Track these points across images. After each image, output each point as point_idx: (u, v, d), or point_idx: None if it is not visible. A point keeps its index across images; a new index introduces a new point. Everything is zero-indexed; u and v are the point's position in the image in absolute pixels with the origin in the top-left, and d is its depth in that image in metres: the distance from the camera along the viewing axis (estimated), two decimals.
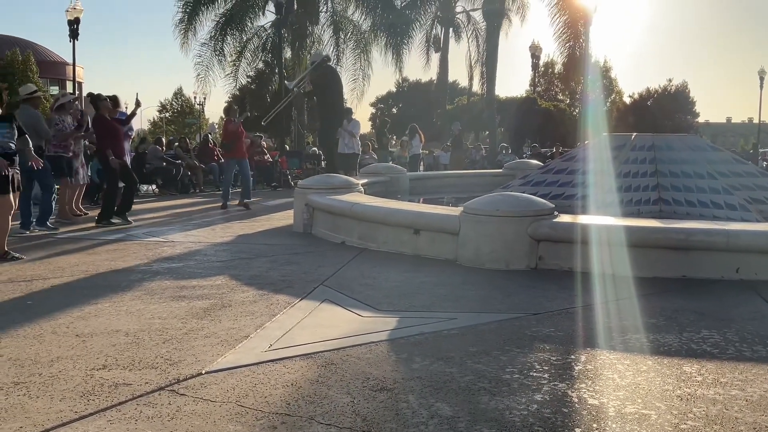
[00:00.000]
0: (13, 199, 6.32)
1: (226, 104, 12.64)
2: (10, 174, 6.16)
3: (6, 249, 6.36)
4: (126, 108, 15.49)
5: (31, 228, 8.13)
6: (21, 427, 2.63)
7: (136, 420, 2.70)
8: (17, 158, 6.33)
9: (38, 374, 3.22)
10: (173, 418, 2.72)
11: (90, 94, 11.23)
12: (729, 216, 7.67)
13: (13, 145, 6.23)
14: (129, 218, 9.18)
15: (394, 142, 18.09)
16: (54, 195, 8.70)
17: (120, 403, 2.87)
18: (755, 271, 5.40)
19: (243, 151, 12.00)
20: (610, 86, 48.98)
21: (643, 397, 2.97)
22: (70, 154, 9.50)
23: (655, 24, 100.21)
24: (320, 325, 4.15)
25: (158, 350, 3.60)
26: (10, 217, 6.43)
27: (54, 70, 45.40)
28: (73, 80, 26.79)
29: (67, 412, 2.78)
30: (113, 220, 8.96)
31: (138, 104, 10.17)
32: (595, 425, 2.68)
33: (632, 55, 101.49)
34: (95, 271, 5.79)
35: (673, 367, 3.38)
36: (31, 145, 6.70)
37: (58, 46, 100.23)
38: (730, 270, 5.44)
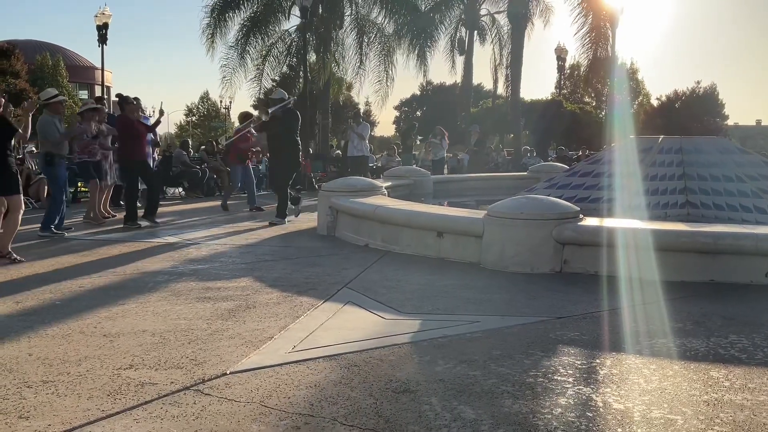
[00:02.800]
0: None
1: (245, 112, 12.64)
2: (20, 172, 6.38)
3: (9, 249, 6.43)
4: (152, 114, 15.68)
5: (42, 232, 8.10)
6: (49, 425, 2.67)
7: (162, 419, 2.73)
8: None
9: (66, 373, 3.28)
10: (198, 417, 2.75)
11: (118, 95, 11.42)
12: (758, 220, 7.55)
13: None
14: (156, 220, 9.27)
15: (418, 143, 17.99)
16: (64, 201, 8.56)
17: (146, 402, 2.90)
18: None
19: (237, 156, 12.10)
20: (637, 88, 48.48)
21: (669, 402, 2.93)
22: (97, 157, 9.64)
23: (684, 25, 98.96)
24: (343, 327, 4.16)
25: (184, 350, 3.64)
26: (20, 218, 6.52)
27: (83, 74, 46.15)
28: (102, 85, 27.15)
29: (94, 410, 2.82)
30: (141, 222, 9.05)
31: (162, 113, 10.21)
32: (619, 430, 2.65)
33: (660, 57, 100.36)
34: (122, 273, 5.87)
35: (700, 372, 3.33)
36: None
37: (86, 50, 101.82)
38: (759, 274, 5.35)
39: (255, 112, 11.92)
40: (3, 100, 6.44)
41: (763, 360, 3.54)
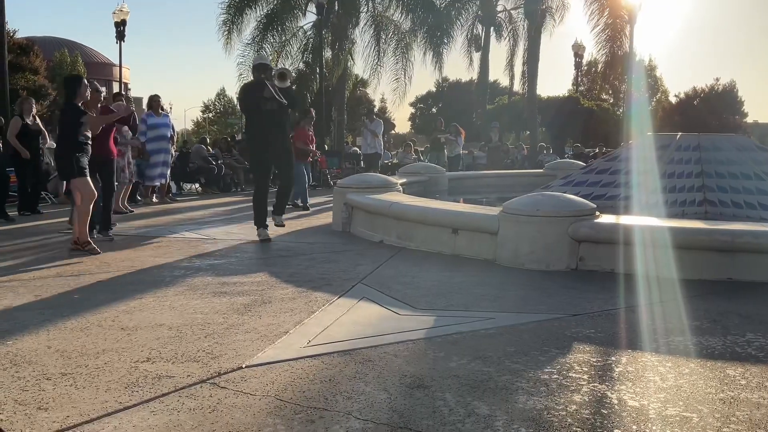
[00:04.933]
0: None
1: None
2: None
3: (88, 239, 6.61)
4: (170, 110, 15.72)
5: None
6: (67, 416, 2.71)
7: (179, 411, 2.76)
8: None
9: (84, 366, 3.32)
10: (214, 410, 2.78)
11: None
12: None
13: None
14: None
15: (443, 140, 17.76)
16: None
17: (163, 395, 2.94)
18: None
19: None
20: (655, 85, 48.11)
21: (685, 400, 2.92)
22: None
23: (703, 21, 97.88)
24: (358, 322, 4.18)
25: (200, 344, 3.67)
26: (91, 206, 6.69)
27: (101, 71, 46.44)
28: (120, 81, 27.39)
29: (111, 402, 2.86)
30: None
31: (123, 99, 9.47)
32: (635, 427, 2.65)
33: (678, 54, 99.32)
34: (140, 267, 5.93)
35: (717, 370, 3.31)
36: None
37: (104, 47, 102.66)
38: None
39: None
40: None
41: None
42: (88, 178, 6.67)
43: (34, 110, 10.25)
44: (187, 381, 3.11)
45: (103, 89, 8.10)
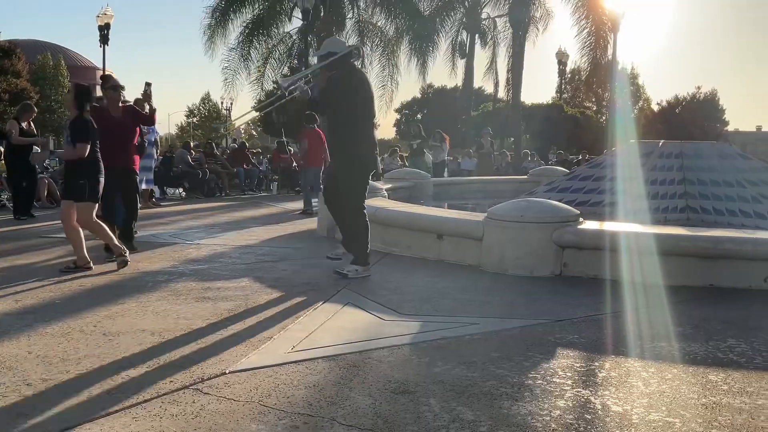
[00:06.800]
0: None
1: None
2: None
3: (118, 244, 6.04)
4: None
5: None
6: (48, 423, 2.67)
7: (161, 417, 2.74)
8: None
9: (66, 371, 3.28)
10: (197, 416, 2.76)
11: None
12: (758, 225, 7.55)
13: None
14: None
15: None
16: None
17: (145, 401, 2.91)
18: None
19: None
20: (637, 93, 48.54)
21: (668, 405, 2.94)
22: None
23: (684, 30, 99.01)
24: (343, 327, 4.17)
25: (183, 350, 3.64)
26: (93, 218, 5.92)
27: (84, 74, 46.06)
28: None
29: (93, 408, 2.82)
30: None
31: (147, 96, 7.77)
32: None
33: (660, 62, 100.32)
34: (122, 272, 5.87)
35: (699, 376, 3.34)
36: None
37: (88, 50, 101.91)
38: (758, 279, 5.35)
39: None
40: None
41: (762, 364, 3.54)
42: (97, 204, 5.95)
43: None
44: (169, 387, 3.08)
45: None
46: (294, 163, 18.71)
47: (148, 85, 6.67)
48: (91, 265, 5.87)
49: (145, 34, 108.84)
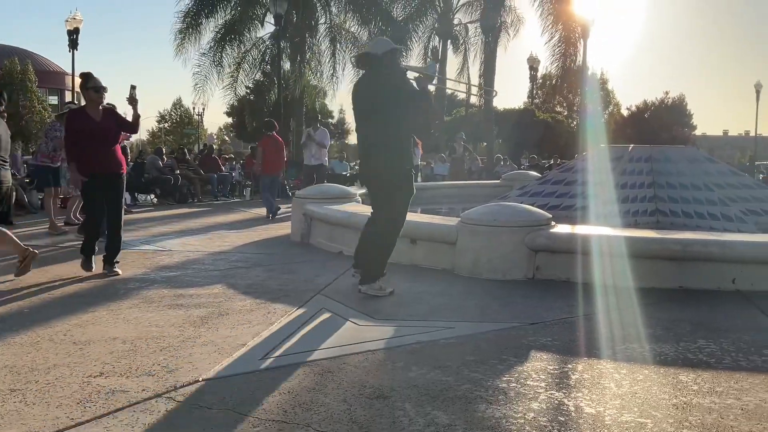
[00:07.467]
0: None
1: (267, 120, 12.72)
2: None
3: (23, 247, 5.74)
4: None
5: None
6: None
7: (133, 427, 2.70)
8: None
9: (35, 381, 3.22)
10: (170, 425, 2.72)
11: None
12: (726, 227, 7.70)
13: None
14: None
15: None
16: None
17: (117, 410, 2.87)
18: (751, 281, 5.41)
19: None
20: (607, 98, 49.18)
21: (640, 406, 2.97)
22: (58, 164, 9.42)
23: (653, 37, 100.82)
24: (317, 333, 4.15)
25: (155, 358, 3.60)
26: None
27: (53, 79, 45.51)
28: (72, 90, 26.84)
29: (63, 418, 2.78)
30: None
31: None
32: None
33: (629, 68, 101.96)
34: (93, 280, 5.79)
35: (670, 377, 3.39)
36: None
37: (56, 55, 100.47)
38: (726, 281, 5.45)
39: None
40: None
41: (731, 364, 3.60)
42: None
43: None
44: (142, 395, 3.04)
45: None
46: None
47: (133, 88, 6.22)
48: (32, 249, 5.78)
49: (114, 38, 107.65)
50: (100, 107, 6.16)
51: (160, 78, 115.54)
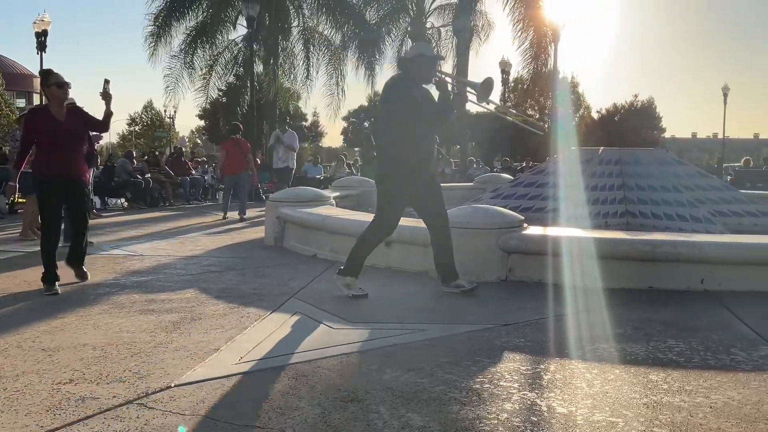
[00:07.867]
0: None
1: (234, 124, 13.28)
2: None
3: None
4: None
5: None
6: None
7: None
8: None
9: (3, 389, 3.16)
10: (141, 431, 2.69)
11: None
12: (694, 228, 7.82)
13: None
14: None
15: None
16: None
17: (87, 417, 2.82)
18: (719, 281, 5.50)
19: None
20: (578, 101, 49.74)
21: (611, 405, 3.01)
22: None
23: (622, 41, 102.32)
24: (291, 337, 4.14)
25: (126, 364, 3.56)
26: None
27: (20, 82, 44.64)
28: (40, 93, 26.41)
29: (32, 426, 2.73)
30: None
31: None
32: None
33: (599, 71, 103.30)
34: (61, 286, 5.69)
35: (640, 376, 3.43)
36: None
37: (24, 57, 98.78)
38: (695, 281, 5.54)
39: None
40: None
41: (699, 363, 3.66)
42: None
43: None
44: (112, 402, 3.00)
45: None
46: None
47: (107, 82, 5.77)
48: None
49: (83, 40, 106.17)
50: (65, 106, 5.71)
51: (130, 80, 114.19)
